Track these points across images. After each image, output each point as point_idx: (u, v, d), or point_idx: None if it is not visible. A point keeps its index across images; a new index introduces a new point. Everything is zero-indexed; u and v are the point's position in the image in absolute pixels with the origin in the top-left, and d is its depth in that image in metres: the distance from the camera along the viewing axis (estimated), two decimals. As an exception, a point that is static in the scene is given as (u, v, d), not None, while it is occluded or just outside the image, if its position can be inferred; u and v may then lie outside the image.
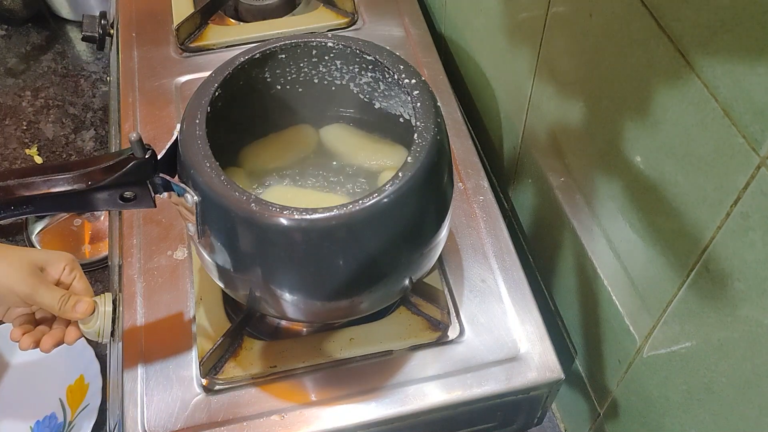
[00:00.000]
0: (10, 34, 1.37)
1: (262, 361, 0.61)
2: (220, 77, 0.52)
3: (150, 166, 0.48)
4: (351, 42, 0.55)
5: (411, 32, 0.88)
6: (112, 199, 0.49)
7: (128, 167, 0.47)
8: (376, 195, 0.46)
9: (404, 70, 0.52)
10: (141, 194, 0.49)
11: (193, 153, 0.48)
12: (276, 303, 0.53)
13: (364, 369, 0.61)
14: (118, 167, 0.47)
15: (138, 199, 0.49)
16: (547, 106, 0.65)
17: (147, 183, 0.49)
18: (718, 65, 0.40)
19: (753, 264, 0.41)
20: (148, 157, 0.47)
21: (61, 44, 1.35)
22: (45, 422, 0.88)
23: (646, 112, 0.48)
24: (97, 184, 0.47)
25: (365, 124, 0.64)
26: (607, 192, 0.57)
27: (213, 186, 0.46)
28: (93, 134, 1.20)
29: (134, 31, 0.89)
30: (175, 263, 0.67)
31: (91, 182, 0.47)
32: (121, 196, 0.49)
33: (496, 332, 0.62)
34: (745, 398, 0.45)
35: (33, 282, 0.52)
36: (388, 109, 0.60)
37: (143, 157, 0.47)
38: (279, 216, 0.45)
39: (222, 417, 0.58)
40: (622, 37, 0.49)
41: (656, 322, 0.54)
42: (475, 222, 0.70)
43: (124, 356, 0.61)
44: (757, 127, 0.38)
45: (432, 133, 0.48)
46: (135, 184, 0.49)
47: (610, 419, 0.68)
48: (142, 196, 0.49)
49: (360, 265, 0.49)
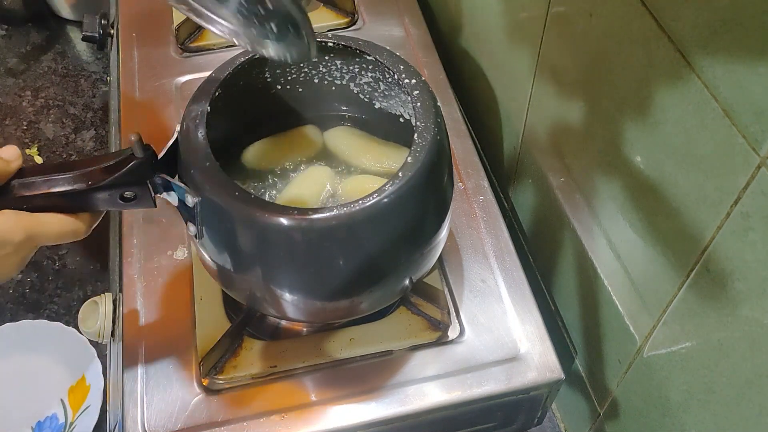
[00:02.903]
0: (10, 34, 1.37)
1: (262, 361, 0.61)
2: (220, 77, 0.52)
3: (150, 166, 0.48)
4: (351, 42, 0.55)
5: (411, 32, 0.88)
6: (112, 199, 0.49)
7: (128, 167, 0.47)
8: (376, 195, 0.46)
9: (404, 70, 0.52)
10: (141, 194, 0.49)
11: (193, 153, 0.48)
12: (276, 303, 0.53)
13: (364, 369, 0.61)
14: (118, 167, 0.47)
15: (138, 199, 0.49)
16: (547, 106, 0.65)
17: (147, 183, 0.49)
18: (718, 65, 0.40)
19: (753, 264, 0.41)
20: (147, 157, 0.47)
21: (61, 44, 1.35)
22: (46, 423, 0.88)
23: (646, 112, 0.48)
24: (97, 184, 0.47)
25: (365, 124, 0.64)
26: (607, 192, 0.57)
27: (212, 186, 0.46)
28: (93, 134, 1.20)
29: (134, 31, 0.89)
30: (175, 263, 0.67)
31: (91, 182, 0.47)
32: (121, 196, 0.49)
33: (496, 332, 0.62)
34: (745, 398, 0.45)
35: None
36: (388, 109, 0.60)
37: (143, 157, 0.47)
38: (278, 216, 0.45)
39: (222, 417, 0.58)
40: (622, 37, 0.49)
41: (656, 322, 0.54)
42: (475, 222, 0.70)
43: (124, 356, 0.61)
44: (757, 127, 0.38)
45: (432, 133, 0.48)
46: (135, 184, 0.48)
47: (610, 419, 0.68)
48: (142, 196, 0.49)
49: (360, 265, 0.49)
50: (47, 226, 0.47)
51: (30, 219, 0.46)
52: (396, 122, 0.60)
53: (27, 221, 0.46)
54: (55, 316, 0.98)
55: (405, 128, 0.58)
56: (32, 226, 0.46)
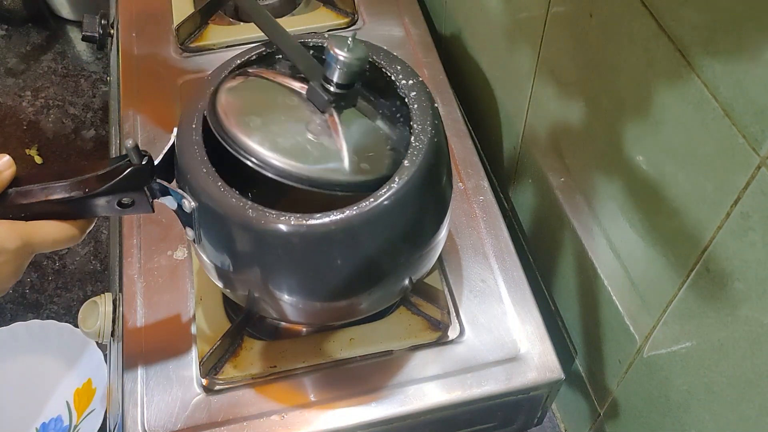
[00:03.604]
0: (10, 34, 1.37)
1: (262, 361, 0.61)
2: (215, 81, 0.52)
3: (147, 172, 0.48)
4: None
5: (411, 32, 0.88)
6: (110, 206, 0.49)
7: (125, 174, 0.47)
8: (373, 200, 0.46)
9: (402, 71, 0.52)
10: (138, 200, 0.49)
11: (190, 158, 0.48)
12: (275, 306, 0.53)
13: (364, 369, 0.61)
14: (114, 174, 0.47)
15: (136, 204, 0.49)
16: (547, 106, 0.65)
17: (144, 189, 0.49)
18: (718, 65, 0.40)
19: (753, 264, 0.41)
20: (144, 164, 0.47)
21: (61, 44, 1.35)
22: (51, 424, 0.88)
23: (646, 112, 0.48)
24: (95, 191, 0.47)
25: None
26: (607, 192, 0.57)
27: (209, 192, 0.46)
28: (93, 134, 1.21)
29: (134, 31, 0.89)
30: (175, 263, 0.67)
31: (88, 189, 0.47)
32: (118, 202, 0.49)
33: (496, 332, 0.62)
34: (745, 398, 0.45)
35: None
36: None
37: (139, 163, 0.47)
38: (276, 222, 0.45)
39: (222, 417, 0.58)
40: (622, 37, 0.49)
41: (656, 322, 0.54)
42: (475, 222, 0.70)
43: (124, 356, 0.61)
44: (758, 127, 0.38)
45: (429, 136, 0.48)
46: (132, 190, 0.48)
47: (610, 419, 0.68)
48: (140, 202, 0.49)
49: (358, 268, 0.49)
50: (43, 234, 0.47)
51: (25, 227, 0.46)
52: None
53: (22, 229, 0.46)
54: (55, 316, 0.98)
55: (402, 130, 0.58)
56: (28, 234, 0.46)
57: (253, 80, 0.53)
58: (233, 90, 0.50)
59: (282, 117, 0.50)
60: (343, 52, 0.46)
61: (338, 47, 0.46)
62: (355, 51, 0.46)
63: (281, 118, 0.50)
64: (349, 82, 0.48)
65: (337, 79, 0.47)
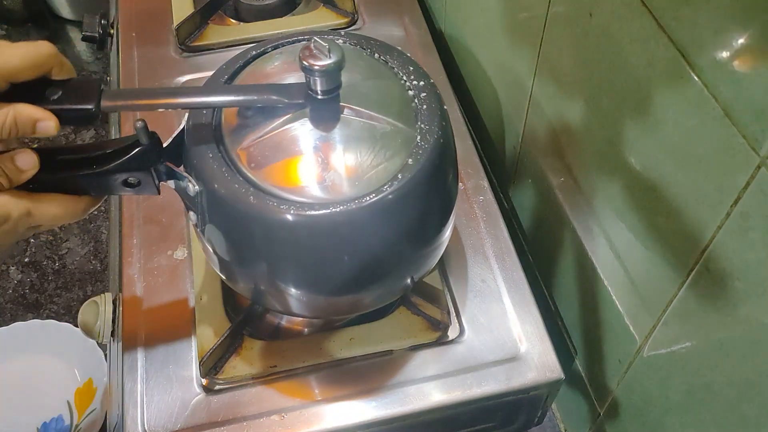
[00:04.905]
0: (10, 34, 1.37)
1: (262, 360, 0.61)
2: (231, 68, 0.53)
3: (154, 153, 0.49)
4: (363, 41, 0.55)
5: (411, 32, 0.88)
6: (116, 184, 0.50)
7: (133, 153, 0.48)
8: (373, 195, 0.46)
9: (414, 71, 0.53)
10: (145, 180, 0.50)
11: (197, 143, 0.49)
12: (276, 296, 0.53)
13: (364, 369, 0.61)
14: (123, 153, 0.48)
15: (142, 185, 0.50)
16: (547, 106, 0.65)
17: (151, 170, 0.50)
18: (718, 65, 0.40)
19: (753, 264, 0.41)
20: (152, 144, 0.48)
21: (61, 44, 1.35)
22: (52, 424, 0.88)
23: (646, 112, 0.48)
24: (102, 168, 0.48)
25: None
26: (607, 192, 0.57)
27: (214, 177, 0.47)
28: (93, 134, 1.20)
29: (134, 31, 0.89)
30: (175, 263, 0.67)
31: (96, 166, 0.48)
32: (125, 181, 0.50)
33: (496, 332, 0.62)
34: (745, 398, 0.45)
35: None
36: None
37: (148, 143, 0.48)
38: (278, 211, 0.45)
39: (222, 417, 0.58)
40: (622, 37, 0.49)
41: (656, 322, 0.54)
42: (475, 222, 0.70)
43: (124, 356, 0.61)
44: (757, 127, 0.38)
45: (435, 137, 0.49)
46: (139, 170, 0.49)
47: (610, 419, 0.68)
48: (146, 183, 0.50)
49: (357, 261, 0.49)
50: (46, 206, 0.48)
51: (31, 197, 0.47)
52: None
53: (28, 199, 0.47)
54: (55, 316, 0.98)
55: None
56: (32, 204, 0.47)
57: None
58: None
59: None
60: (318, 62, 0.45)
61: (311, 59, 0.45)
62: (332, 55, 0.45)
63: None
64: (332, 87, 0.47)
65: (320, 87, 0.47)
